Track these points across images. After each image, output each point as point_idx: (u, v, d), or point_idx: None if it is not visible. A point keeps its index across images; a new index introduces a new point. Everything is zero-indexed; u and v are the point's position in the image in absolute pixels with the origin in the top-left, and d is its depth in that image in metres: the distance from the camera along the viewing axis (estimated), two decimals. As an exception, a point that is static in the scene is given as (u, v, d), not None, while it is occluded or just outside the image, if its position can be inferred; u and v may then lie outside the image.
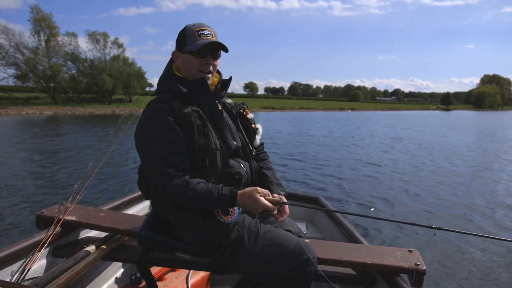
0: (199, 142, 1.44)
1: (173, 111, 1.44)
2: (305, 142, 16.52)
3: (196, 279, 2.05)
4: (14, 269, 1.65)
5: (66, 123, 27.40)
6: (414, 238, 4.75)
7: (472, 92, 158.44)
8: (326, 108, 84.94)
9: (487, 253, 3.17)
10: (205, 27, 1.53)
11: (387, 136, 20.54)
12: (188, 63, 1.53)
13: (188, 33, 1.52)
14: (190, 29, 1.53)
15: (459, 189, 7.62)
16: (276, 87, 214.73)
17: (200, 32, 1.51)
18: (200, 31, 1.51)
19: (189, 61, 1.52)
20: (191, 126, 1.44)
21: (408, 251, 1.72)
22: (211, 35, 1.52)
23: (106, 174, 7.99)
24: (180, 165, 1.40)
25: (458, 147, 15.51)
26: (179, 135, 1.43)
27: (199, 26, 1.53)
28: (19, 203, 5.98)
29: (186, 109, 1.45)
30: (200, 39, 1.50)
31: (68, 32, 57.37)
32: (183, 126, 1.43)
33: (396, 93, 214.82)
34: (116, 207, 2.34)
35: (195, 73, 1.53)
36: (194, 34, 1.51)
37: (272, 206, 1.39)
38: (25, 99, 48.16)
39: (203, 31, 1.51)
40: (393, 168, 10.02)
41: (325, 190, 7.33)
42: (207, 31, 1.52)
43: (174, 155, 1.40)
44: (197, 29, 1.52)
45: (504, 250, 4.15)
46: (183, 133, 1.43)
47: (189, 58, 1.51)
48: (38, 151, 12.32)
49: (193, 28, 1.52)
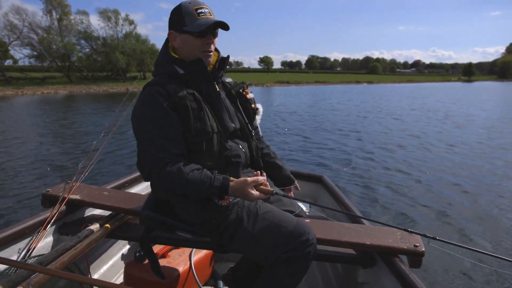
0: (195, 126, 1.41)
1: (169, 95, 1.40)
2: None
3: (199, 256, 2.08)
4: (21, 247, 1.70)
5: (80, 101, 27.79)
6: (420, 222, 4.63)
7: (496, 62, 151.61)
8: (342, 82, 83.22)
9: (484, 263, 3.05)
10: (202, 5, 1.47)
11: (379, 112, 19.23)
12: (189, 43, 1.47)
13: (185, 12, 1.45)
14: (187, 7, 1.46)
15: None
16: (293, 61, 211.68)
17: (199, 10, 1.45)
18: (198, 9, 1.45)
19: (190, 41, 1.46)
20: (186, 110, 1.41)
21: (408, 232, 1.69)
22: (209, 13, 1.46)
23: (110, 152, 8.09)
24: (174, 150, 1.39)
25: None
26: (174, 120, 1.40)
27: (196, 4, 1.46)
28: (27, 181, 6.15)
29: (182, 92, 1.42)
30: (200, 18, 1.44)
31: (80, 10, 57.37)
32: (178, 110, 1.41)
33: (416, 64, 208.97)
34: (120, 186, 2.37)
35: (197, 53, 1.48)
36: (193, 13, 1.44)
37: (264, 196, 1.39)
38: (41, 79, 48.91)
39: (201, 10, 1.45)
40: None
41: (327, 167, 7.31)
42: (205, 9, 1.46)
43: (168, 141, 1.39)
44: (195, 7, 1.45)
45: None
46: (178, 118, 1.41)
47: (190, 39, 1.46)
48: (47, 130, 12.57)
49: (190, 6, 1.46)
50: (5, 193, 5.56)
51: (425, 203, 5.24)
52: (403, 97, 33.85)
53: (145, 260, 1.92)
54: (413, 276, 1.42)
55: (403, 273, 1.46)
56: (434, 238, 1.40)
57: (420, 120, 15.44)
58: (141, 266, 1.92)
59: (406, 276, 1.44)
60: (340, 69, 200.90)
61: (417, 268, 1.53)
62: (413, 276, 1.42)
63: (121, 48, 53.78)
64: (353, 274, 1.85)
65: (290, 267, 1.41)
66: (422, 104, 22.44)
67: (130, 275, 1.93)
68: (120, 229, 1.89)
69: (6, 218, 4.55)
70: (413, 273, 1.46)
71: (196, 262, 2.03)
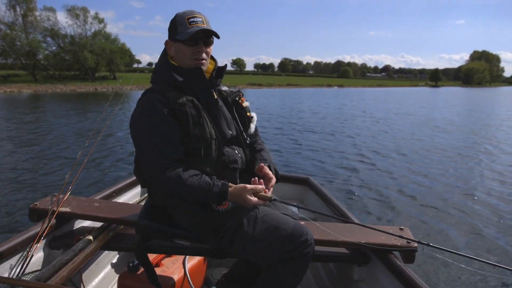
0: (194, 132, 1.45)
1: (169, 102, 1.44)
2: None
3: (192, 263, 2.10)
4: (12, 263, 1.65)
5: (47, 102, 26.53)
6: (406, 218, 4.88)
7: (461, 69, 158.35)
8: (314, 85, 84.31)
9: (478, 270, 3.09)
10: (195, 14, 1.52)
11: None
12: (181, 52, 1.52)
13: (178, 22, 1.51)
14: (181, 17, 1.51)
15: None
16: (266, 64, 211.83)
17: (191, 20, 1.50)
18: (190, 18, 1.50)
19: (182, 50, 1.51)
20: (186, 116, 1.44)
21: (399, 229, 1.77)
22: (202, 22, 1.51)
23: (95, 161, 7.75)
24: (174, 156, 1.42)
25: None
26: (173, 127, 1.43)
27: (189, 14, 1.51)
28: (9, 196, 5.54)
29: (181, 99, 1.46)
30: (191, 27, 1.48)
31: (46, 6, 54.84)
32: (178, 117, 1.44)
33: (386, 69, 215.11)
34: (108, 196, 2.35)
35: (188, 62, 1.52)
36: (185, 22, 1.49)
37: (262, 202, 1.44)
38: (4, 77, 46.44)
39: (193, 19, 1.50)
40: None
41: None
42: (198, 18, 1.51)
43: (168, 147, 1.42)
44: (187, 17, 1.50)
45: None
46: (178, 124, 1.44)
47: (181, 47, 1.51)
48: (18, 134, 11.82)
49: (183, 16, 1.51)
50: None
51: (413, 201, 5.54)
52: (372, 100, 35.05)
53: (139, 270, 1.92)
54: (409, 271, 1.50)
55: (399, 268, 1.54)
56: (428, 245, 1.44)
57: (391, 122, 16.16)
58: (135, 277, 1.91)
59: (402, 271, 1.51)
60: (313, 72, 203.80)
61: (411, 263, 1.61)
62: (409, 271, 1.50)
63: (89, 47, 52.03)
64: (348, 273, 1.90)
65: (289, 268, 1.46)
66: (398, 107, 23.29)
67: (124, 285, 1.92)
68: (114, 240, 1.88)
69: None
70: (408, 267, 1.54)
71: (190, 269, 2.05)
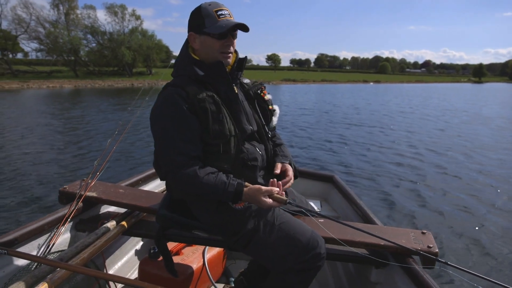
0: (213, 128, 1.42)
1: (188, 97, 1.42)
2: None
3: (212, 253, 2.11)
4: (40, 243, 1.74)
5: (87, 96, 27.88)
6: (428, 223, 4.65)
7: (508, 64, 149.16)
8: (349, 81, 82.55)
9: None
10: (221, 7, 1.48)
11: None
12: (209, 45, 1.48)
13: (205, 14, 1.46)
14: (207, 9, 1.47)
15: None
16: (302, 59, 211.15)
17: (219, 12, 1.46)
18: (218, 11, 1.46)
19: (210, 43, 1.47)
20: (206, 112, 1.42)
21: (421, 232, 1.71)
22: (229, 15, 1.48)
23: (123, 149, 8.14)
24: (191, 153, 1.40)
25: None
26: (192, 123, 1.41)
27: (216, 6, 1.47)
28: (43, 178, 6.18)
29: (201, 94, 1.43)
30: (220, 19, 1.45)
31: (87, 5, 57.42)
32: (197, 113, 1.42)
33: (426, 64, 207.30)
34: (134, 183, 2.40)
35: (217, 55, 1.49)
36: (213, 15, 1.45)
37: (277, 204, 1.40)
38: (48, 73, 49.12)
39: (221, 11, 1.46)
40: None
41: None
42: (225, 11, 1.48)
43: (186, 143, 1.40)
44: (215, 9, 1.46)
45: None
46: (197, 120, 1.42)
47: (210, 41, 1.47)
48: (58, 125, 12.63)
49: (209, 8, 1.47)
50: (21, 188, 5.62)
51: (440, 207, 5.18)
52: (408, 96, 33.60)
53: (159, 257, 1.95)
54: (427, 277, 1.43)
55: (417, 273, 1.47)
56: (446, 263, 1.35)
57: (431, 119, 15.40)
58: (156, 263, 1.95)
59: (420, 276, 1.45)
60: (350, 67, 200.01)
61: (430, 268, 1.54)
62: (427, 277, 1.43)
63: (127, 43, 53.84)
64: (366, 274, 1.86)
65: (298, 277, 1.45)
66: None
67: (144, 271, 1.97)
68: (136, 226, 1.93)
69: (24, 214, 4.61)
70: (426, 273, 1.47)
71: (209, 260, 2.06)
